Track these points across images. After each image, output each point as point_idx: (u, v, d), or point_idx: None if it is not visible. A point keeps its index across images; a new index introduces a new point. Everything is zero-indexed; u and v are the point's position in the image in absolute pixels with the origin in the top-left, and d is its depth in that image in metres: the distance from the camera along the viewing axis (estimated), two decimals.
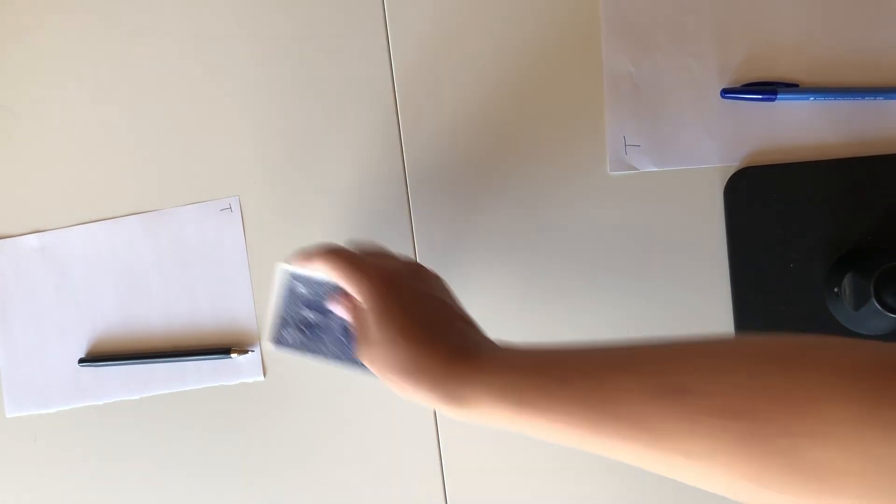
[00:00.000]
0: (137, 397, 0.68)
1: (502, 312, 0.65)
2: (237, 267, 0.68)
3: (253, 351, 0.67)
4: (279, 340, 0.58)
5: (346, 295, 0.53)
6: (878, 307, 0.55)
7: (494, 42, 0.66)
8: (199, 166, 0.68)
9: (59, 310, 0.69)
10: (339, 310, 0.55)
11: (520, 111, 0.65)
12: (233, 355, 0.66)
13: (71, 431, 0.69)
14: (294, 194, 0.67)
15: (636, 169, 0.64)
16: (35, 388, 0.69)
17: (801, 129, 0.63)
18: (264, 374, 0.67)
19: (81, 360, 0.68)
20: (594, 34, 0.65)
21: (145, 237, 0.69)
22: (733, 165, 0.63)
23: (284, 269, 0.56)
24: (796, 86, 0.62)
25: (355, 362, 0.56)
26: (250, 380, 0.67)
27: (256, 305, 0.67)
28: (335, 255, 0.53)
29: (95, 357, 0.68)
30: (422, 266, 0.55)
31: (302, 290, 0.57)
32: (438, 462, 0.66)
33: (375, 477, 0.66)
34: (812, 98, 0.62)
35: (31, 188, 0.70)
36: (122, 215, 0.69)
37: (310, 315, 0.58)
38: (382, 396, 0.66)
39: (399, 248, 0.66)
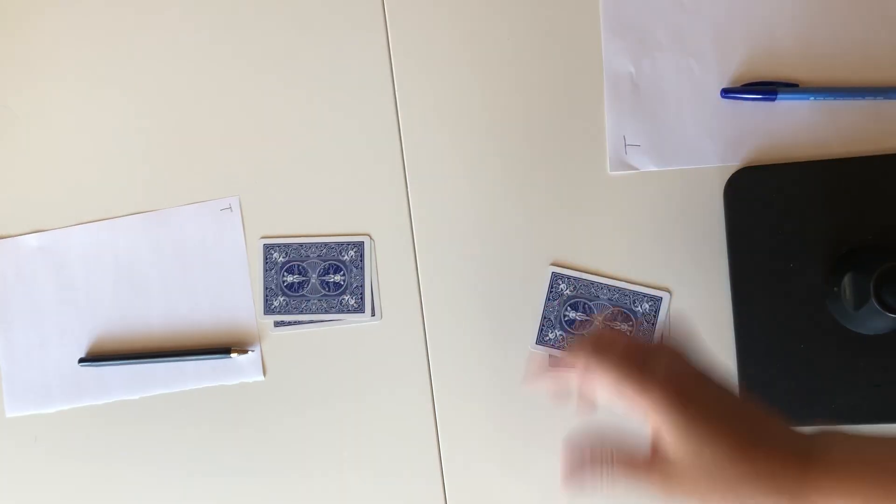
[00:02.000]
0: (137, 397, 0.68)
1: (502, 311, 0.65)
2: (237, 267, 0.68)
3: (253, 351, 0.67)
4: (541, 341, 0.61)
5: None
6: (878, 307, 0.55)
7: (494, 42, 0.66)
8: (200, 166, 0.68)
9: (59, 310, 0.69)
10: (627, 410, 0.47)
11: (520, 111, 0.65)
12: (233, 355, 0.66)
13: (71, 431, 0.69)
14: (294, 194, 0.67)
15: (636, 169, 0.64)
16: (35, 387, 0.69)
17: (800, 129, 0.63)
18: (264, 374, 0.67)
19: (81, 360, 0.68)
20: (594, 34, 0.65)
21: (145, 237, 0.69)
22: (733, 165, 0.63)
23: (550, 269, 0.60)
24: (796, 86, 0.62)
25: None
26: (250, 380, 0.67)
27: (256, 305, 0.67)
28: (611, 364, 0.45)
29: (95, 357, 0.68)
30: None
31: (567, 290, 0.61)
32: (438, 462, 0.66)
33: (375, 477, 0.66)
34: (812, 98, 0.62)
35: (31, 188, 0.70)
36: (122, 215, 0.69)
37: (573, 315, 0.61)
38: (383, 396, 0.66)
39: (398, 247, 0.66)
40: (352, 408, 0.66)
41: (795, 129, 0.63)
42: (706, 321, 0.63)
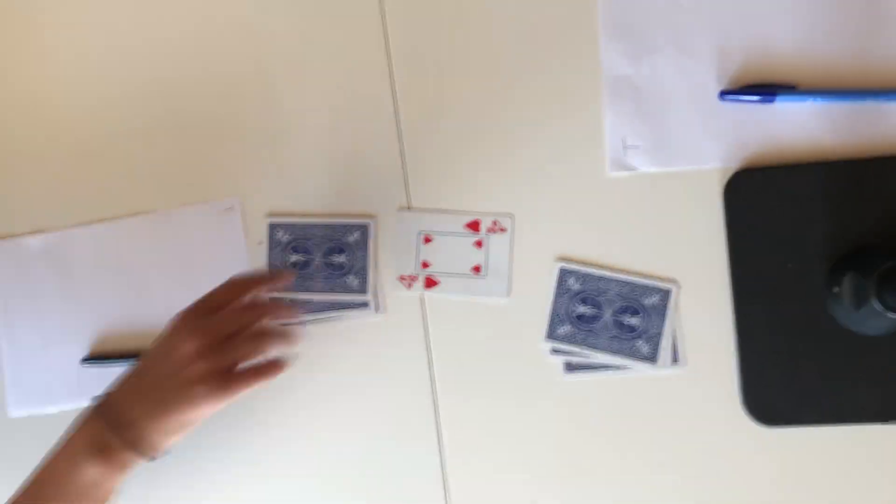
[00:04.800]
0: None
1: (505, 308, 0.65)
2: (239, 268, 0.67)
3: None
4: (552, 335, 0.63)
5: None
6: (879, 307, 0.55)
7: (494, 43, 0.66)
8: (201, 168, 0.69)
9: (62, 310, 0.69)
10: None
11: (519, 112, 0.66)
12: None
13: None
14: (295, 196, 0.68)
15: (636, 169, 0.64)
16: (38, 387, 0.69)
17: (799, 130, 0.63)
18: None
19: (84, 360, 0.68)
20: (593, 35, 0.65)
21: (147, 238, 0.69)
22: (732, 167, 0.63)
23: (558, 264, 0.61)
24: (795, 88, 0.63)
25: (628, 355, 0.61)
26: None
27: None
28: None
29: (98, 357, 0.68)
30: None
31: (576, 285, 0.61)
32: (439, 462, 0.66)
33: (376, 475, 0.66)
34: (811, 100, 0.62)
35: (33, 189, 0.70)
36: (124, 216, 0.69)
37: (583, 309, 0.62)
38: (384, 393, 0.66)
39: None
40: (352, 405, 0.66)
41: (794, 131, 0.63)
42: (706, 321, 0.63)
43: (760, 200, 0.63)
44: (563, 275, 0.63)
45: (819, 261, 0.62)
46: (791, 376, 0.62)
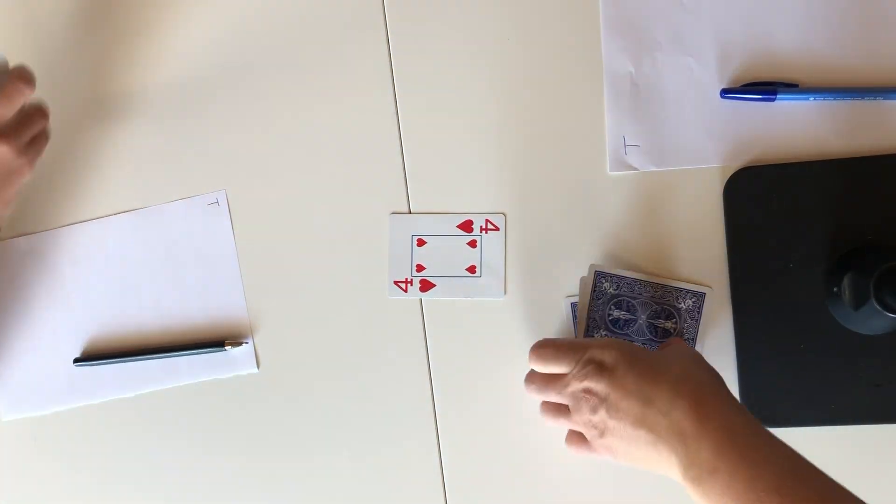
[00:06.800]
0: (133, 395, 0.67)
1: (499, 311, 0.65)
2: (226, 260, 0.67)
3: (247, 342, 0.66)
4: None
5: None
6: (878, 307, 0.55)
7: (494, 42, 0.66)
8: (185, 162, 0.68)
9: (52, 311, 0.68)
10: None
11: (519, 111, 0.65)
12: (227, 347, 0.66)
13: (69, 431, 0.68)
14: (280, 186, 0.67)
15: (636, 169, 0.64)
16: (31, 389, 0.68)
17: (800, 129, 0.63)
18: (258, 366, 0.67)
19: (76, 360, 0.67)
20: (594, 34, 0.64)
21: (134, 235, 0.68)
22: (733, 165, 0.63)
23: (593, 267, 0.61)
24: (796, 86, 0.63)
25: None
26: (244, 372, 0.67)
27: (247, 297, 0.67)
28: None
29: (90, 356, 0.67)
30: None
31: (610, 288, 0.61)
32: (438, 463, 0.65)
33: (373, 469, 0.66)
34: (812, 98, 0.62)
35: (17, 191, 0.69)
36: (109, 214, 0.68)
37: (618, 314, 0.61)
38: (380, 388, 0.66)
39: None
40: (352, 408, 0.66)
41: (795, 129, 0.63)
42: (706, 321, 0.63)
43: (761, 199, 0.62)
44: (599, 278, 0.63)
45: (819, 261, 0.62)
46: (791, 376, 0.62)
